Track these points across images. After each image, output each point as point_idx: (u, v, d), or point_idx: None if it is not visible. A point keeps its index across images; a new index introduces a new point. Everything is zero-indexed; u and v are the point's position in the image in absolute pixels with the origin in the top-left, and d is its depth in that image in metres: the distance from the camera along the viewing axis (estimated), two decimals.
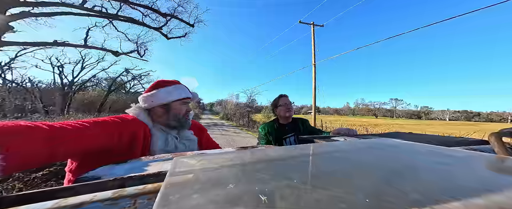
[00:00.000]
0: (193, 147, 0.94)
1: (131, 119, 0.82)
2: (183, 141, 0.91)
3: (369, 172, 0.26)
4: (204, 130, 1.16)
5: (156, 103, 0.89)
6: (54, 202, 0.24)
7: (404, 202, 0.18)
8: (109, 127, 0.71)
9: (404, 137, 0.79)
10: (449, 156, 0.33)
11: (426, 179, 0.23)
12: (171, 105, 0.91)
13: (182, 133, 0.94)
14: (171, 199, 0.19)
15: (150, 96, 0.90)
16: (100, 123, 0.70)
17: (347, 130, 1.10)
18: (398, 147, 0.40)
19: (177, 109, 0.92)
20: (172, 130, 0.91)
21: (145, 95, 0.91)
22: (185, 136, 0.94)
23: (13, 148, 0.44)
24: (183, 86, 0.99)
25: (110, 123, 0.73)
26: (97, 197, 0.25)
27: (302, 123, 1.71)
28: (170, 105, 0.91)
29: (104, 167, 0.49)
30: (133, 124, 0.80)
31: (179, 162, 0.30)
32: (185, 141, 0.92)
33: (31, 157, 0.49)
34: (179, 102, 0.94)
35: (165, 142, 0.85)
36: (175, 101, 0.92)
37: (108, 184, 0.33)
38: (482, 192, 0.20)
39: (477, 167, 0.29)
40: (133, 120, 0.82)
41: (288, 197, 0.19)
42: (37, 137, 0.51)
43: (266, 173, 0.25)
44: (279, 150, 0.38)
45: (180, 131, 0.94)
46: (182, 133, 0.94)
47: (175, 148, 0.86)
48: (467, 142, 0.66)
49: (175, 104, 0.92)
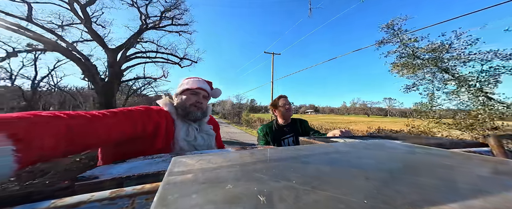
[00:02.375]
0: (210, 142, 0.99)
1: (157, 110, 0.87)
2: (202, 134, 0.97)
3: (367, 173, 0.26)
4: (218, 126, 1.21)
5: (174, 94, 1.02)
6: (51, 201, 0.24)
7: (402, 203, 0.18)
8: (133, 116, 0.75)
9: (404, 138, 0.79)
10: (447, 157, 0.33)
11: (424, 180, 0.23)
12: (182, 95, 0.99)
13: (202, 126, 1.00)
14: (169, 199, 0.19)
15: (176, 90, 1.02)
16: (125, 112, 0.73)
17: (346, 132, 1.10)
18: (396, 149, 0.40)
19: (186, 98, 0.98)
20: (193, 122, 0.97)
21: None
22: (204, 129, 1.00)
23: (29, 138, 0.40)
24: (197, 79, 1.05)
25: (135, 112, 0.77)
26: (95, 197, 0.25)
27: (301, 124, 1.70)
28: (181, 95, 0.99)
29: (102, 167, 0.48)
30: (158, 114, 0.85)
31: (177, 162, 0.30)
32: (204, 135, 0.97)
33: (49, 147, 0.45)
34: (189, 92, 1.00)
35: (186, 132, 0.90)
36: (185, 91, 1.00)
37: (106, 183, 0.33)
38: (480, 195, 0.20)
39: (475, 169, 0.29)
40: (159, 111, 0.88)
41: (287, 198, 0.19)
42: (55, 125, 0.47)
43: (265, 174, 0.25)
44: (278, 150, 0.38)
45: (201, 124, 1.00)
46: (202, 126, 1.00)
47: (194, 138, 0.92)
48: (466, 144, 0.67)
49: (185, 94, 0.99)
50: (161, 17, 12.48)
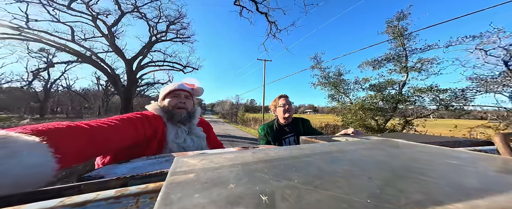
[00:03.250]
0: (200, 143, 1.01)
1: (152, 115, 0.91)
2: (192, 137, 0.98)
3: (370, 172, 0.26)
4: (211, 127, 1.23)
5: (159, 102, 1.04)
6: (59, 200, 0.25)
7: (405, 203, 0.18)
8: (135, 123, 0.78)
9: (407, 137, 0.78)
10: (452, 156, 0.32)
11: (428, 179, 0.23)
12: (164, 99, 1.01)
13: (191, 128, 1.02)
14: (172, 198, 0.19)
15: (160, 97, 1.06)
16: (127, 119, 0.77)
17: (355, 132, 1.08)
18: (400, 148, 0.40)
19: (169, 102, 1.02)
20: (183, 125, 0.99)
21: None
22: (194, 132, 1.02)
23: (62, 149, 0.47)
24: (177, 82, 1.10)
25: (135, 119, 0.80)
26: (101, 196, 0.26)
27: (303, 123, 1.69)
28: (164, 99, 1.03)
29: (107, 167, 0.49)
30: (155, 119, 0.89)
31: (180, 161, 0.30)
32: (194, 137, 0.99)
33: (76, 155, 0.52)
34: (170, 95, 1.04)
35: (175, 134, 0.93)
36: (167, 95, 1.04)
37: (111, 183, 0.34)
38: (485, 194, 0.19)
39: (480, 168, 0.29)
40: (154, 116, 0.92)
41: (289, 197, 0.19)
42: (80, 135, 0.54)
43: (267, 173, 0.25)
44: (280, 150, 0.38)
45: (190, 127, 1.02)
46: (192, 128, 1.02)
47: (184, 140, 0.94)
48: (471, 143, 0.65)
49: (167, 97, 1.03)
50: (166, 31, 14.92)
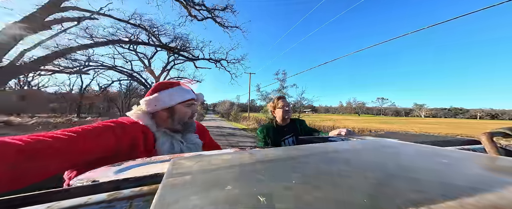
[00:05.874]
0: (197, 151, 0.90)
1: (130, 123, 0.78)
2: (189, 145, 0.88)
3: (366, 172, 0.26)
4: (206, 131, 1.13)
5: (159, 106, 0.85)
6: (47, 205, 0.24)
7: (400, 202, 0.18)
8: (101, 133, 0.66)
9: (400, 137, 0.80)
10: (443, 156, 0.33)
11: (422, 178, 0.24)
12: (175, 108, 0.87)
13: (187, 137, 0.90)
14: (168, 201, 0.19)
15: (152, 99, 0.86)
16: (89, 130, 0.64)
17: (348, 132, 1.10)
18: (394, 148, 0.41)
19: (182, 112, 0.88)
20: (176, 134, 0.87)
21: (147, 98, 0.87)
22: (190, 139, 0.91)
23: None
24: (186, 88, 0.94)
25: (102, 129, 0.68)
26: (92, 200, 0.25)
27: (299, 124, 1.71)
28: (174, 108, 0.87)
29: (99, 169, 0.48)
30: (132, 128, 0.76)
31: (176, 163, 0.30)
32: (190, 145, 0.89)
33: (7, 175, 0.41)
34: (184, 104, 0.89)
35: (170, 146, 0.82)
36: (179, 104, 0.88)
37: (103, 186, 0.33)
38: (475, 192, 0.20)
39: (471, 166, 0.30)
40: (132, 124, 0.78)
41: (287, 198, 0.19)
42: (5, 153, 0.43)
43: (264, 174, 0.25)
44: (277, 150, 0.38)
45: (185, 135, 0.90)
46: (187, 137, 0.91)
47: (180, 151, 0.83)
48: (460, 142, 0.68)
49: (179, 107, 0.88)
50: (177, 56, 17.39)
